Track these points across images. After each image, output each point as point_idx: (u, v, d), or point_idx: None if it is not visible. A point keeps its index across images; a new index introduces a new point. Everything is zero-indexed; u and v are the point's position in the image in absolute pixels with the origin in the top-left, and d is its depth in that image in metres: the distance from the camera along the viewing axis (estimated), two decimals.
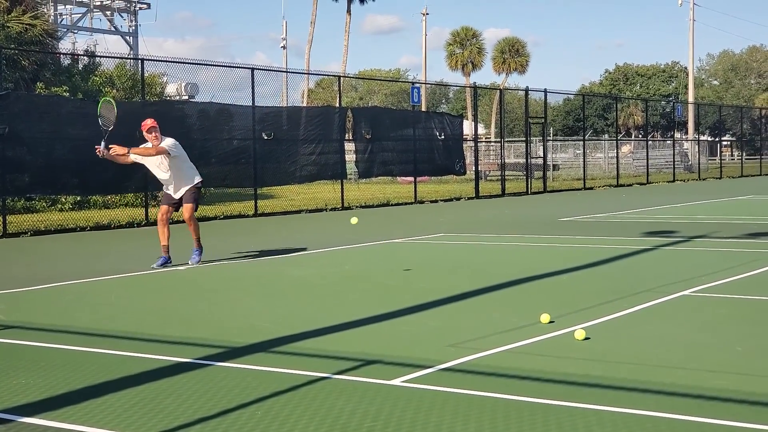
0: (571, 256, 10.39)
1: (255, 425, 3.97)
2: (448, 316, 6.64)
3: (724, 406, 4.18)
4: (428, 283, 8.46)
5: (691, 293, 7.42)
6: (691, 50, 51.63)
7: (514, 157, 38.79)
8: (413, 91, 25.63)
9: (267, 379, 4.82)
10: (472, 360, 5.15)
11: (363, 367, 5.02)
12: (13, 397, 4.53)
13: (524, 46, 55.22)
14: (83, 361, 5.36)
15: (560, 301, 7.12)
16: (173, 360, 5.30)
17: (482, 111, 57.79)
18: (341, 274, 9.36)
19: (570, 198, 24.68)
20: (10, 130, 14.45)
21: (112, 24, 39.58)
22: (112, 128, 10.01)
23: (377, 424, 3.94)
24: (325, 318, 6.54)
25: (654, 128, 64.98)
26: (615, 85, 75.79)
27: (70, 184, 15.92)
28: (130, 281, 9.04)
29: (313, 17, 44.09)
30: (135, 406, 4.31)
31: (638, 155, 39.40)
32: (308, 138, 20.17)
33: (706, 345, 5.54)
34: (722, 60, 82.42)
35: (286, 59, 52.97)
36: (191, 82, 25.95)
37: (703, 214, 16.94)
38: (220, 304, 7.54)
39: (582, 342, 5.56)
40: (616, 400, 4.27)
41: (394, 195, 23.86)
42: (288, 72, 25.77)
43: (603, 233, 13.17)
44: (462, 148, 25.54)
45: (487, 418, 4.00)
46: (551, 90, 30.24)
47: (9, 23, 21.43)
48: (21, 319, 6.81)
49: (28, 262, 11.23)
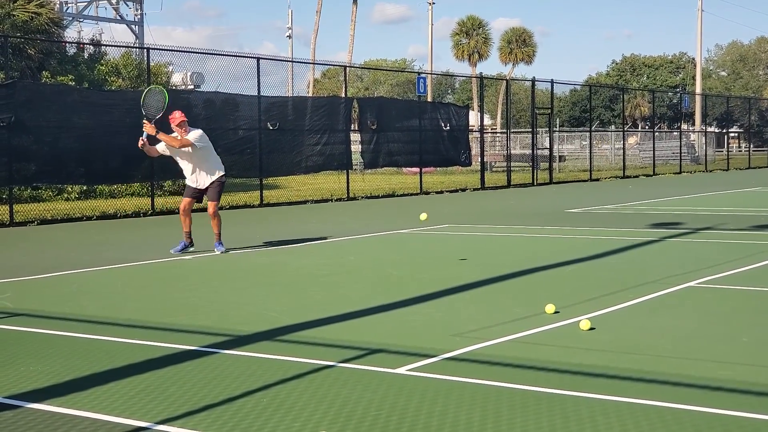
0: (577, 247, 10.38)
1: (260, 413, 3.99)
2: (453, 306, 6.64)
3: (730, 396, 4.18)
4: (433, 273, 8.47)
5: (697, 284, 7.41)
6: (699, 41, 51.40)
7: (520, 148, 38.72)
8: (419, 81, 25.57)
9: (272, 367, 4.83)
10: (477, 349, 5.16)
11: (368, 356, 5.03)
12: (20, 384, 4.55)
13: (531, 36, 55.07)
14: (89, 348, 5.38)
15: (566, 291, 7.12)
16: (179, 348, 5.31)
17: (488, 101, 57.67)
18: (346, 264, 9.37)
19: (576, 189, 24.63)
20: (17, 119, 14.48)
21: (117, 13, 39.55)
22: (160, 116, 9.92)
23: (382, 413, 3.95)
24: (331, 307, 6.55)
25: (661, 119, 64.78)
26: (622, 75, 75.51)
27: (76, 173, 15.95)
28: (136, 270, 9.06)
29: (318, 7, 44.00)
30: (141, 393, 4.33)
31: (645, 146, 39.30)
32: (314, 128, 20.16)
33: (711, 336, 5.54)
34: (730, 51, 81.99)
35: (291, 49, 53.01)
36: (197, 71, 25.94)
37: (710, 205, 16.90)
38: (226, 292, 7.55)
39: (587, 332, 5.56)
40: (621, 390, 4.27)
41: (399, 186, 23.85)
42: (293, 62, 25.74)
43: (609, 224, 13.14)
44: (468, 139, 25.50)
45: (492, 407, 4.01)
46: (558, 81, 30.16)
47: (15, 12, 21.43)
48: (28, 307, 6.84)
49: (35, 250, 11.27)
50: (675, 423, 3.76)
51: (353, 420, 3.86)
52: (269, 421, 3.86)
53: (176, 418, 3.94)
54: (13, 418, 3.97)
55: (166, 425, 3.84)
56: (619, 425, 3.73)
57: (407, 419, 3.86)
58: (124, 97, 17.19)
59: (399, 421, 3.84)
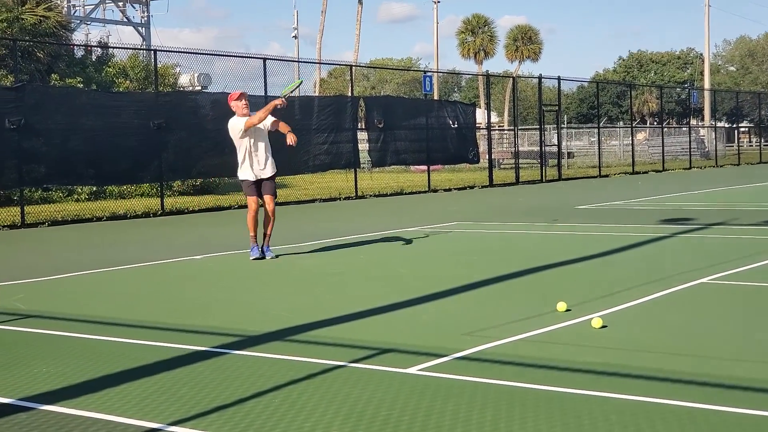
0: (587, 243, 10.34)
1: (272, 413, 3.98)
2: (464, 305, 6.63)
3: (744, 394, 4.15)
4: (443, 271, 8.45)
5: (709, 281, 7.37)
6: (707, 36, 51.19)
7: (527, 145, 38.64)
8: (425, 79, 25.55)
9: (283, 367, 4.83)
10: (488, 348, 5.14)
11: (379, 356, 5.02)
12: (33, 386, 4.56)
13: (537, 33, 54.97)
14: (101, 349, 5.39)
15: (577, 289, 7.09)
16: (190, 348, 5.32)
17: (495, 99, 57.57)
18: (356, 263, 9.36)
19: (585, 186, 24.56)
20: (26, 121, 14.53)
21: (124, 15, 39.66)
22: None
23: (393, 413, 3.94)
24: (341, 306, 6.55)
25: (669, 115, 64.54)
26: (629, 72, 75.25)
27: (86, 174, 16.01)
28: (146, 270, 9.08)
29: (323, 7, 44.03)
30: (152, 395, 4.33)
31: (654, 142, 39.14)
32: (321, 127, 20.16)
33: (724, 333, 5.50)
34: (739, 46, 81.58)
35: (297, 49, 52.96)
36: (204, 72, 25.99)
37: (722, 201, 16.82)
38: (236, 292, 7.56)
39: (599, 330, 5.53)
40: (634, 388, 4.25)
41: (407, 184, 23.83)
42: (300, 62, 25.75)
43: (619, 221, 13.10)
44: (475, 136, 25.46)
45: (504, 407, 3.99)
46: (565, 77, 30.07)
47: (24, 15, 21.51)
48: (40, 309, 6.85)
49: (46, 251, 11.30)
50: (690, 422, 3.73)
51: (364, 420, 3.85)
52: (281, 422, 3.85)
53: (188, 419, 3.94)
54: (26, 420, 3.98)
55: (178, 426, 3.84)
56: (632, 424, 3.71)
57: (418, 419, 3.85)
58: (131, 99, 17.24)
59: (410, 421, 3.82)
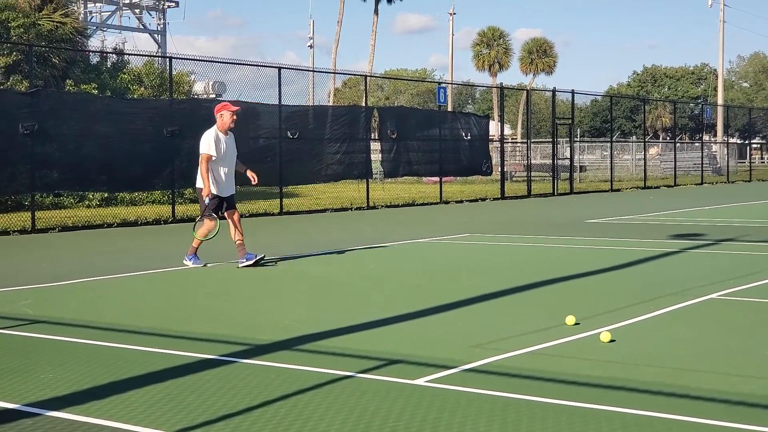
0: (598, 257, 10.31)
1: (278, 423, 3.98)
2: (473, 317, 6.61)
3: (752, 411, 4.12)
4: (452, 283, 8.44)
5: (718, 296, 7.33)
6: (721, 52, 51.05)
7: (540, 158, 38.58)
8: (439, 91, 25.56)
9: (291, 376, 4.82)
10: (497, 361, 5.12)
11: (387, 367, 5.01)
12: (39, 392, 4.57)
13: (552, 46, 54.96)
14: (109, 356, 5.40)
15: (586, 302, 7.07)
16: (198, 356, 5.32)
17: (509, 111, 57.55)
18: (366, 274, 9.36)
19: (597, 199, 24.50)
20: (40, 126, 14.61)
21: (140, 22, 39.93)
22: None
23: (400, 424, 3.93)
24: (350, 317, 6.54)
25: (682, 130, 64.33)
26: (643, 86, 75.09)
27: (98, 180, 16.08)
28: (156, 277, 9.10)
29: (340, 17, 44.20)
30: (159, 402, 4.33)
31: (666, 157, 39.01)
32: (334, 137, 20.20)
33: (733, 349, 5.47)
34: (753, 62, 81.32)
35: (312, 58, 53.24)
36: (219, 80, 26.10)
37: (732, 217, 16.74)
38: (245, 301, 7.56)
39: (608, 344, 5.51)
40: (642, 403, 4.22)
41: (419, 195, 23.83)
42: (314, 71, 25.83)
43: (630, 235, 13.05)
44: (488, 148, 25.45)
45: (511, 420, 3.98)
46: (578, 91, 30.05)
47: (40, 21, 21.68)
48: (48, 314, 6.88)
49: (55, 257, 11.35)
50: None
51: (371, 431, 3.84)
52: (288, 431, 3.85)
53: (195, 427, 3.94)
54: (32, 426, 3.99)
55: None
56: None
57: (426, 431, 3.84)
58: (146, 106, 17.33)
59: None
